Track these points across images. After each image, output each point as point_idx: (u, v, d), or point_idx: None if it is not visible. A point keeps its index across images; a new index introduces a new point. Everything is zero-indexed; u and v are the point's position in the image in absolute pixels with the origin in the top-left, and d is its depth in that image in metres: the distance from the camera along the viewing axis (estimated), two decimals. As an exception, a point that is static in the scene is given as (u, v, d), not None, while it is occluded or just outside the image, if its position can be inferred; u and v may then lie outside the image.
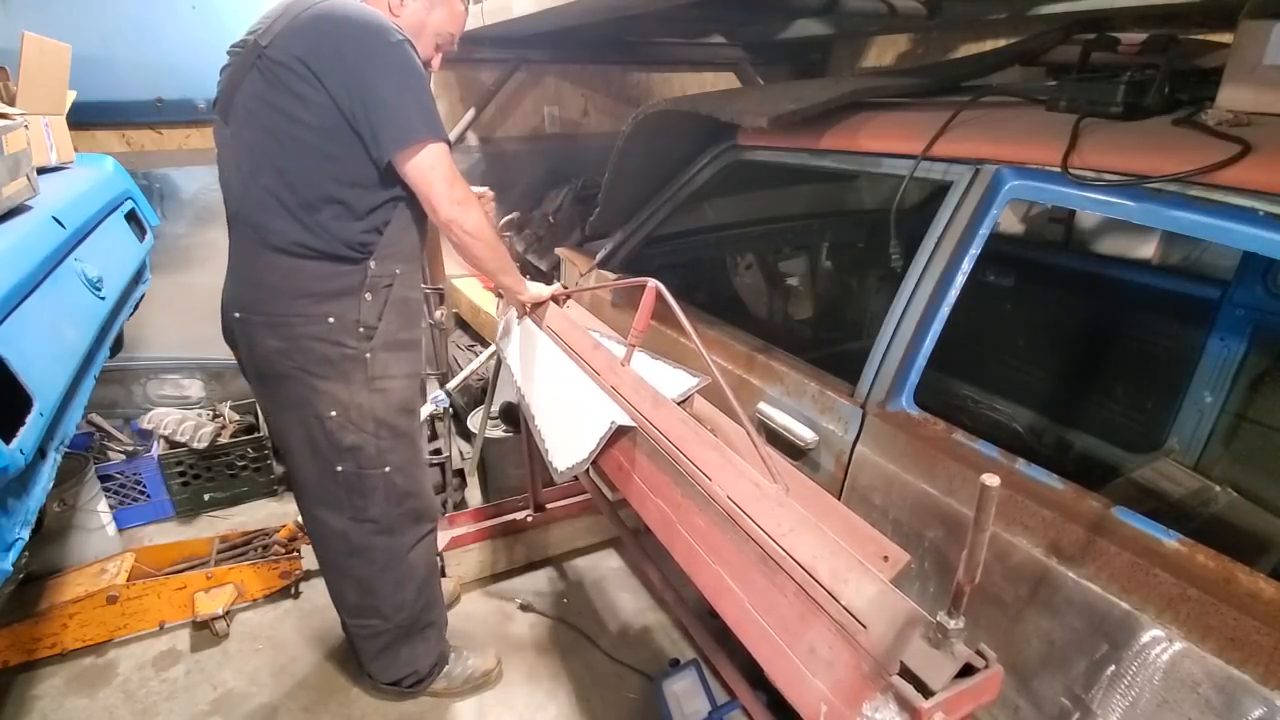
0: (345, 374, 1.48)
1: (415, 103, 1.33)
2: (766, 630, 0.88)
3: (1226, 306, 1.80)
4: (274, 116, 1.33)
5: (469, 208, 1.41)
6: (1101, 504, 0.97)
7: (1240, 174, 0.90)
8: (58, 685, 1.97)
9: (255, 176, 1.38)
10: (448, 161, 1.38)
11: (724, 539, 1.00)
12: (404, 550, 1.69)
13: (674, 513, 1.13)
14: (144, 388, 3.06)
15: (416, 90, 1.34)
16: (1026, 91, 1.46)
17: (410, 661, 1.82)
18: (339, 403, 1.49)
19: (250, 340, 1.48)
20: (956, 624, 0.66)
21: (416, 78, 1.34)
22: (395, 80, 1.31)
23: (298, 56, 1.29)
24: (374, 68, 1.30)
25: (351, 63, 1.29)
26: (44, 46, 1.81)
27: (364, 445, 1.53)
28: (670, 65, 3.62)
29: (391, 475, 1.59)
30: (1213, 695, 0.79)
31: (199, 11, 2.63)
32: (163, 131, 2.80)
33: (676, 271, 2.35)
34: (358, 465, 1.55)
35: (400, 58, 1.32)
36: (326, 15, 1.30)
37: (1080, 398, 2.15)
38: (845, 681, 0.76)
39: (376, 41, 1.30)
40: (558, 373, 1.55)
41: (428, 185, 1.37)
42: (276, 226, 1.39)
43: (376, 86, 1.30)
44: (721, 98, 1.65)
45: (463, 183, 1.41)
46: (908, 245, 1.34)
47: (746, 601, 0.93)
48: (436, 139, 1.35)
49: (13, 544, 1.16)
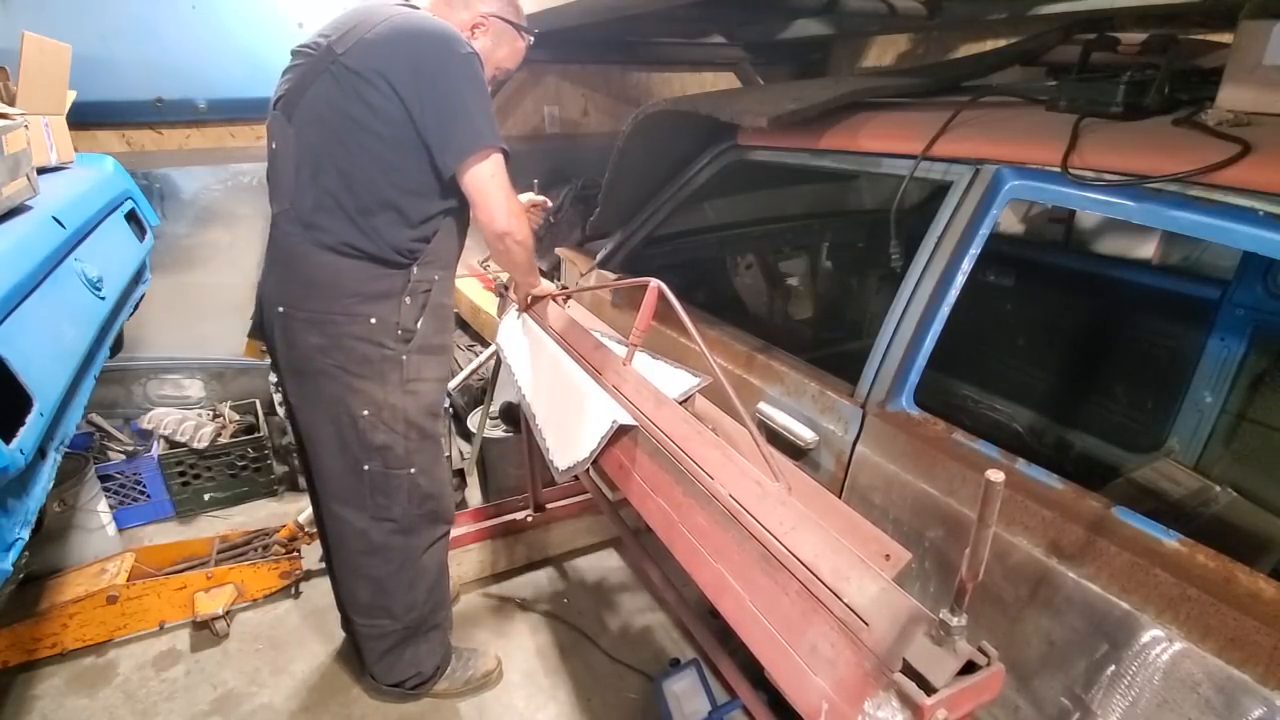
0: (382, 374, 1.52)
1: (482, 114, 1.39)
2: (768, 629, 0.88)
3: (1226, 306, 1.80)
4: (344, 122, 1.38)
5: (523, 220, 1.50)
6: (1101, 504, 0.97)
7: (1240, 174, 0.90)
8: (58, 685, 1.97)
9: (316, 177, 1.42)
10: (505, 174, 1.44)
11: (726, 537, 1.00)
12: (419, 551, 1.71)
13: (675, 512, 1.13)
14: (144, 388, 3.06)
15: (483, 102, 1.40)
16: (1026, 91, 1.46)
17: (415, 663, 1.83)
18: (373, 402, 1.53)
19: (291, 335, 1.51)
20: (959, 621, 0.66)
21: (483, 90, 1.41)
22: (466, 92, 1.37)
23: (375, 69, 1.35)
24: (447, 79, 1.36)
25: (427, 76, 1.35)
26: (44, 46, 1.81)
27: (393, 445, 1.57)
28: (670, 65, 3.61)
29: (416, 476, 1.63)
30: (1213, 695, 0.79)
31: (199, 11, 2.63)
32: (163, 131, 2.80)
33: (677, 271, 2.35)
34: (385, 465, 1.58)
35: (471, 70, 1.38)
36: (403, 29, 1.37)
37: (1080, 398, 2.15)
38: (847, 680, 0.76)
39: (449, 54, 1.37)
40: (559, 372, 1.55)
41: (486, 195, 1.42)
42: (331, 226, 1.44)
43: (450, 97, 1.36)
44: (721, 98, 1.65)
45: (515, 195, 1.48)
46: (908, 245, 1.34)
47: (748, 600, 0.93)
48: (499, 149, 1.42)
49: (13, 544, 1.16)
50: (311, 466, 1.67)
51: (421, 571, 1.73)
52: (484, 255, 3.33)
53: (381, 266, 1.47)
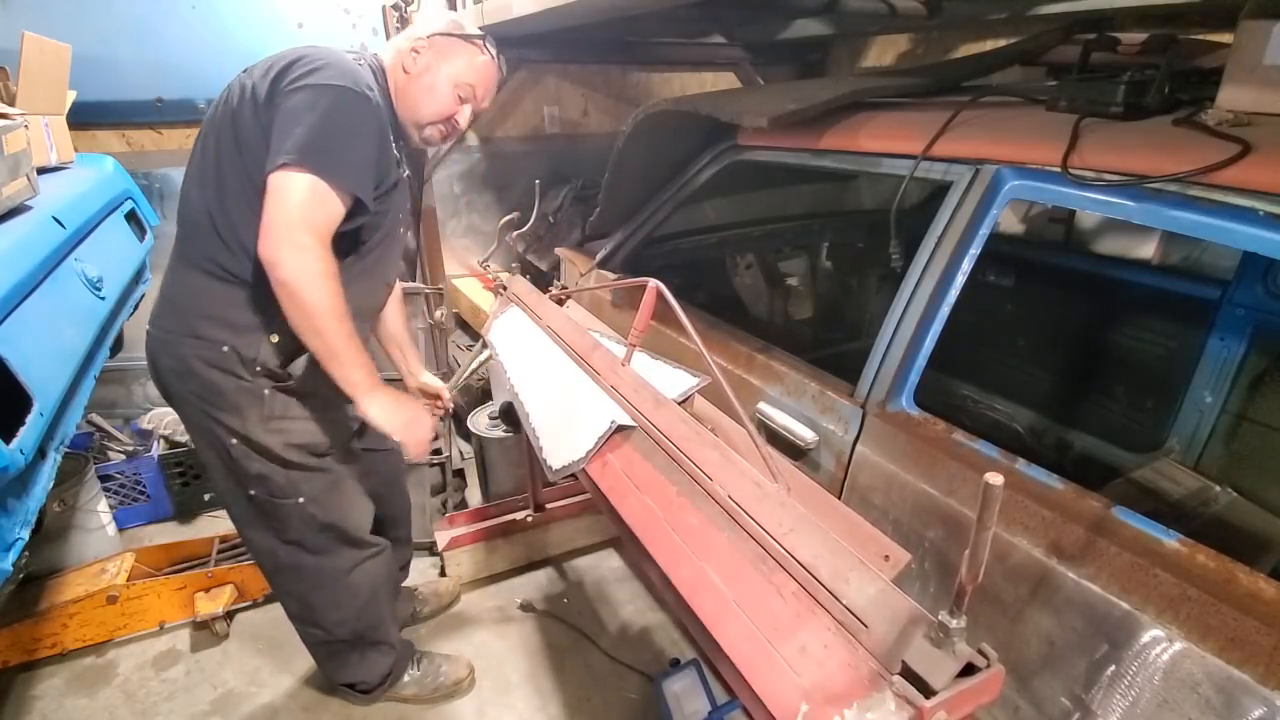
0: (238, 406, 1.40)
1: (311, 131, 1.21)
2: (749, 627, 0.87)
3: (1226, 306, 1.80)
4: (220, 134, 1.33)
5: (308, 258, 1.20)
6: (1101, 504, 0.97)
7: (1240, 174, 0.90)
8: (58, 685, 1.97)
9: (200, 189, 1.36)
10: (312, 199, 1.21)
11: (719, 536, 1.00)
12: (340, 571, 1.63)
13: (664, 510, 1.12)
14: (144, 388, 3.06)
15: (325, 125, 1.22)
16: (1026, 91, 1.46)
17: (360, 670, 1.79)
18: (235, 433, 1.42)
19: (151, 356, 1.44)
20: (959, 623, 0.66)
21: (337, 121, 1.24)
22: (307, 109, 1.23)
23: (250, 82, 1.30)
24: (295, 99, 1.24)
25: (283, 90, 1.26)
26: (44, 46, 1.81)
27: (271, 475, 1.46)
28: (670, 65, 3.61)
29: (305, 506, 1.51)
30: (1213, 695, 0.79)
31: (199, 11, 2.63)
32: (163, 131, 2.80)
33: (676, 271, 2.35)
34: (269, 493, 1.49)
35: (330, 101, 1.24)
36: (290, 54, 1.30)
37: (1080, 398, 2.15)
38: (836, 680, 0.75)
39: (313, 78, 1.25)
40: (554, 371, 1.55)
41: (269, 209, 1.21)
42: (205, 247, 1.36)
43: (291, 114, 1.23)
44: (721, 98, 1.65)
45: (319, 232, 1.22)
46: (908, 245, 1.34)
47: (731, 598, 0.91)
48: (312, 170, 1.20)
49: (13, 544, 1.16)
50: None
51: (349, 590, 1.65)
52: (483, 255, 3.33)
53: (247, 293, 1.35)
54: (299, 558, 1.58)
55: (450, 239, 3.37)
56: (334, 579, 1.63)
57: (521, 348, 1.73)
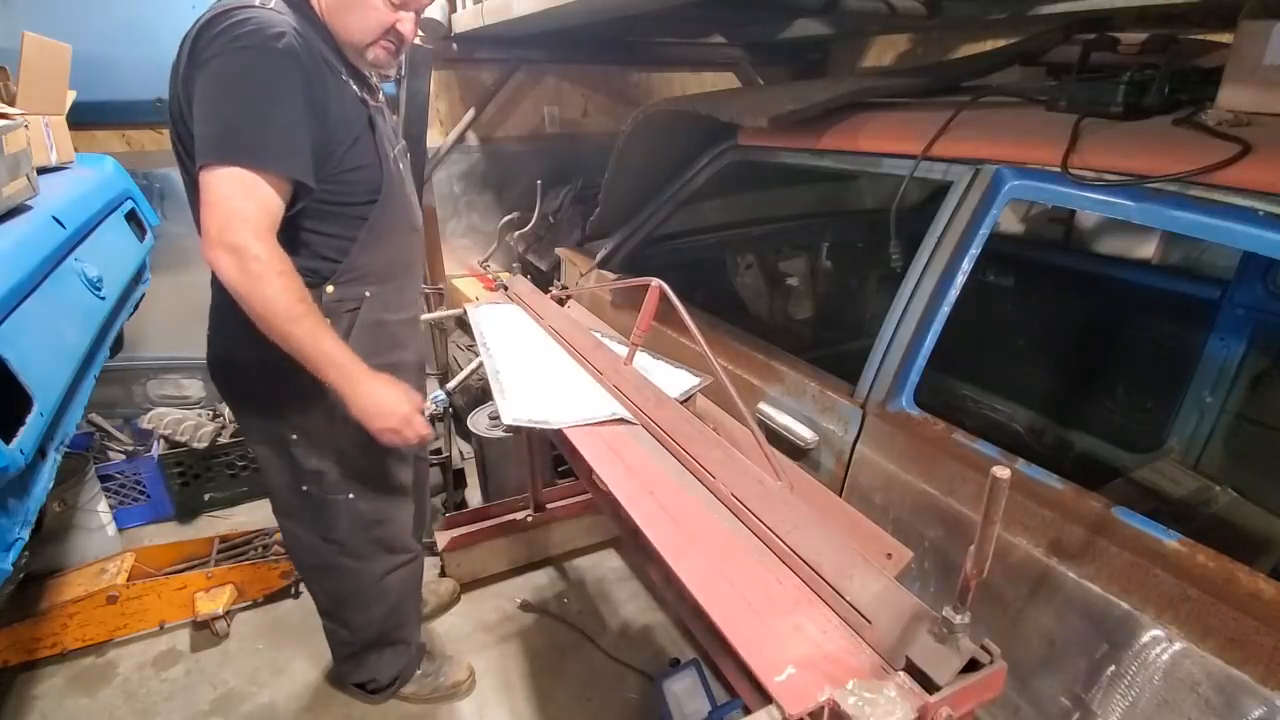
0: (303, 401, 1.37)
1: (222, 116, 1.12)
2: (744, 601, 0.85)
3: (1226, 306, 1.80)
4: (174, 124, 1.24)
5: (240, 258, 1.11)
6: (1101, 504, 0.97)
7: (1240, 174, 0.90)
8: (58, 685, 1.97)
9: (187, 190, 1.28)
10: (238, 193, 1.12)
11: (723, 531, 0.99)
12: (375, 577, 1.63)
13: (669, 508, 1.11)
14: (144, 388, 3.06)
15: (236, 105, 1.12)
16: (1026, 91, 1.46)
17: (373, 670, 1.80)
18: (299, 428, 1.41)
19: (216, 362, 1.42)
20: (962, 619, 0.66)
21: (245, 88, 1.12)
22: (216, 90, 1.13)
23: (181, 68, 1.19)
24: (203, 75, 1.13)
25: (197, 65, 1.14)
26: (44, 46, 1.81)
27: (326, 471, 1.46)
28: (670, 65, 3.62)
29: (355, 502, 1.51)
30: (1213, 695, 0.79)
31: (199, 11, 2.63)
32: (163, 131, 2.80)
33: (677, 271, 2.34)
34: (321, 489, 1.48)
35: (234, 69, 1.11)
36: (197, 25, 1.17)
37: (1080, 398, 2.15)
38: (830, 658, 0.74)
39: (216, 46, 1.12)
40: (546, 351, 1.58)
41: (200, 213, 1.14)
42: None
43: (199, 101, 1.14)
44: (722, 98, 1.65)
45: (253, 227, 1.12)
46: (908, 245, 1.34)
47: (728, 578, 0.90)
48: (231, 161, 1.11)
49: (13, 544, 1.16)
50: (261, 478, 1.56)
51: (381, 594, 1.65)
52: (483, 255, 3.34)
53: None
54: (338, 559, 1.58)
55: (450, 239, 3.37)
56: (369, 584, 1.63)
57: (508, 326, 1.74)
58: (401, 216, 1.41)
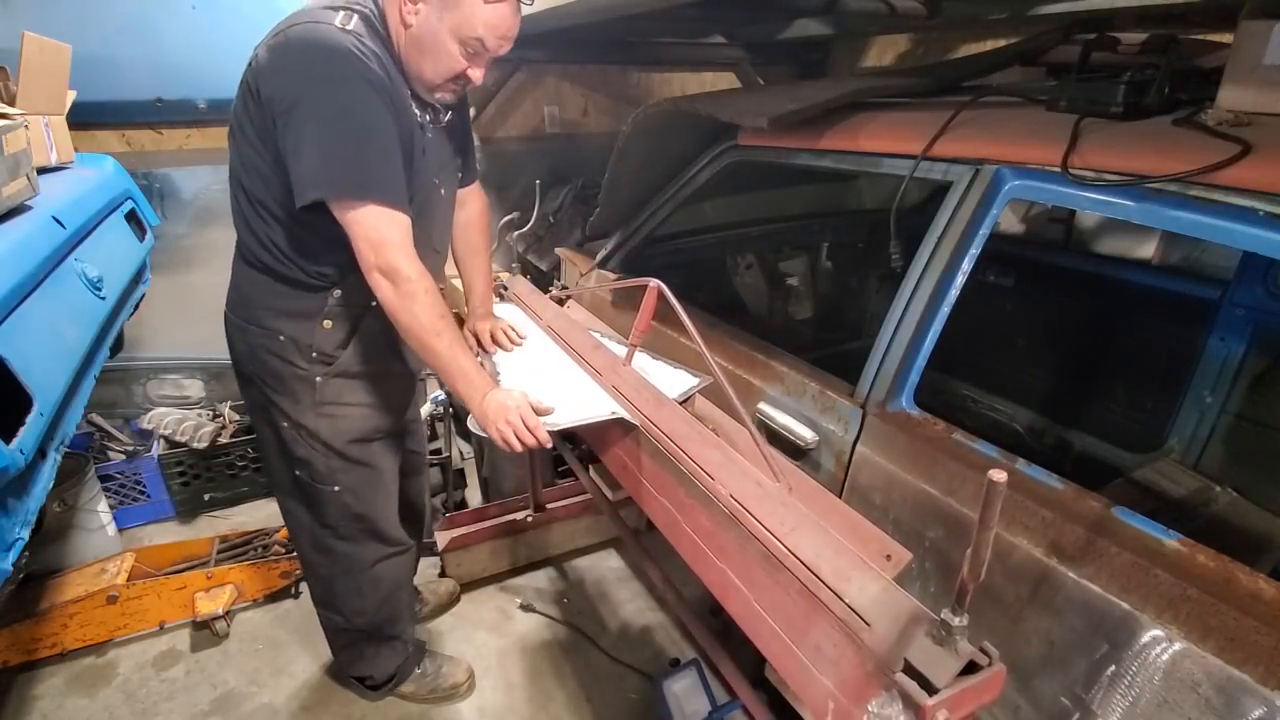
0: (293, 392, 1.47)
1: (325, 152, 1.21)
2: (773, 628, 0.88)
3: (1226, 306, 1.80)
4: (239, 134, 1.32)
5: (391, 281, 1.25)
6: (1101, 504, 0.97)
7: (1240, 174, 0.90)
8: (58, 685, 1.97)
9: (234, 192, 1.38)
10: (378, 225, 1.24)
11: (728, 538, 1.00)
12: (367, 562, 1.68)
13: (679, 513, 1.13)
14: (144, 388, 3.05)
15: (336, 138, 1.21)
16: (1026, 91, 1.46)
17: (370, 665, 1.83)
18: (287, 417, 1.49)
19: (229, 338, 1.53)
20: (961, 621, 0.66)
21: (343, 122, 1.21)
22: (313, 125, 1.20)
23: (257, 83, 1.24)
24: (303, 106, 1.20)
25: (288, 94, 1.20)
26: (44, 46, 1.81)
27: (313, 461, 1.53)
28: (670, 65, 3.61)
29: (341, 494, 1.57)
30: (1213, 695, 0.79)
31: (199, 11, 2.63)
32: (163, 131, 2.80)
33: (677, 271, 2.35)
34: (310, 478, 1.55)
35: (332, 103, 1.19)
36: (283, 39, 1.22)
37: (1080, 398, 2.15)
38: (851, 679, 0.76)
39: (313, 76, 1.19)
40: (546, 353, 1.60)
41: (353, 243, 1.26)
42: (244, 241, 1.41)
43: (297, 129, 1.21)
44: (722, 98, 1.65)
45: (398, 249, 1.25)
46: (908, 245, 1.34)
47: (752, 599, 0.93)
48: (369, 200, 1.22)
49: (13, 544, 1.16)
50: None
51: (372, 582, 1.70)
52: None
53: (290, 287, 1.40)
54: (330, 542, 1.64)
55: (450, 239, 3.36)
56: (360, 569, 1.68)
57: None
58: (421, 237, 1.41)
